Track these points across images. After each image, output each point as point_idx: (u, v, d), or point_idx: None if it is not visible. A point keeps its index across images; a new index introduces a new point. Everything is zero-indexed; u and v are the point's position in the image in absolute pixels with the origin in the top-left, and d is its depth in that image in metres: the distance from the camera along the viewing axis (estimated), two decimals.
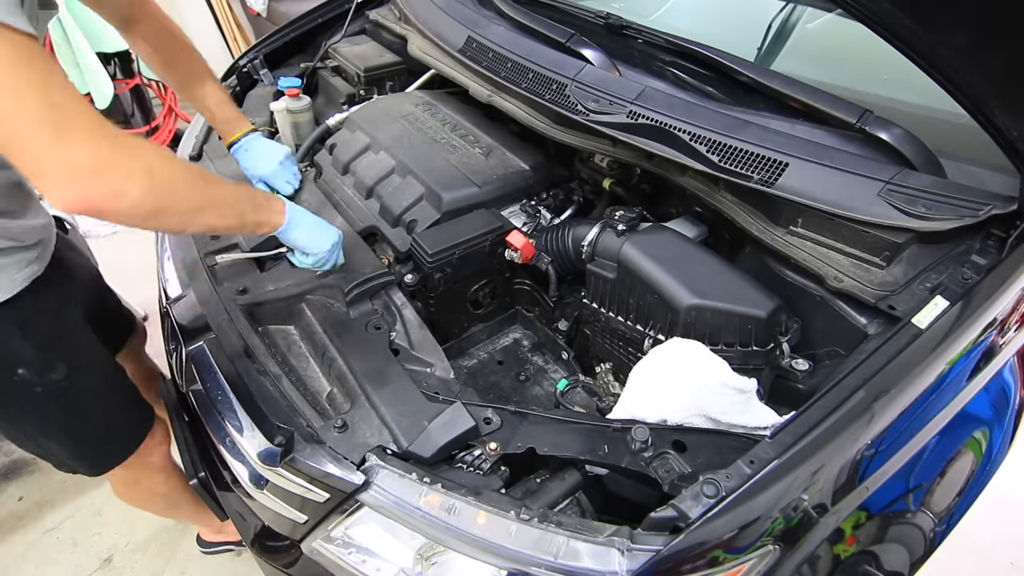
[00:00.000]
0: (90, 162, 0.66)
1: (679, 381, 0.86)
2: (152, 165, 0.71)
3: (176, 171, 0.76)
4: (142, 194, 0.69)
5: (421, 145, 1.34)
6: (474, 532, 0.72)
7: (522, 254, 1.15)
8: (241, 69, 1.67)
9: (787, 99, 1.07)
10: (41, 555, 1.69)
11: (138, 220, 0.73)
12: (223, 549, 1.67)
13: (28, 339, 0.96)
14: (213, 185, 0.83)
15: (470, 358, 1.29)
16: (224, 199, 0.85)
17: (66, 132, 0.64)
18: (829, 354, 0.98)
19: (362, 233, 1.20)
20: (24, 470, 1.89)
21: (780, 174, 0.96)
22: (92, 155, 0.66)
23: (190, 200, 0.78)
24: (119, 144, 0.68)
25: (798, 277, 1.01)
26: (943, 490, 0.96)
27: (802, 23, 1.37)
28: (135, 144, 0.71)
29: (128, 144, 0.69)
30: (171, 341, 1.13)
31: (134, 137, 0.72)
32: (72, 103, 0.65)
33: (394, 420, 0.84)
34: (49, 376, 1.00)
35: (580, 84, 1.17)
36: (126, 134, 0.70)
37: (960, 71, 0.83)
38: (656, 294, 0.98)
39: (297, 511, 0.89)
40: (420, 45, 1.57)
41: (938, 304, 0.82)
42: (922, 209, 0.87)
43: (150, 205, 0.71)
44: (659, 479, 0.76)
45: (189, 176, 0.79)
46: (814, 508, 0.73)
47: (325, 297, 1.05)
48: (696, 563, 0.67)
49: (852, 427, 0.72)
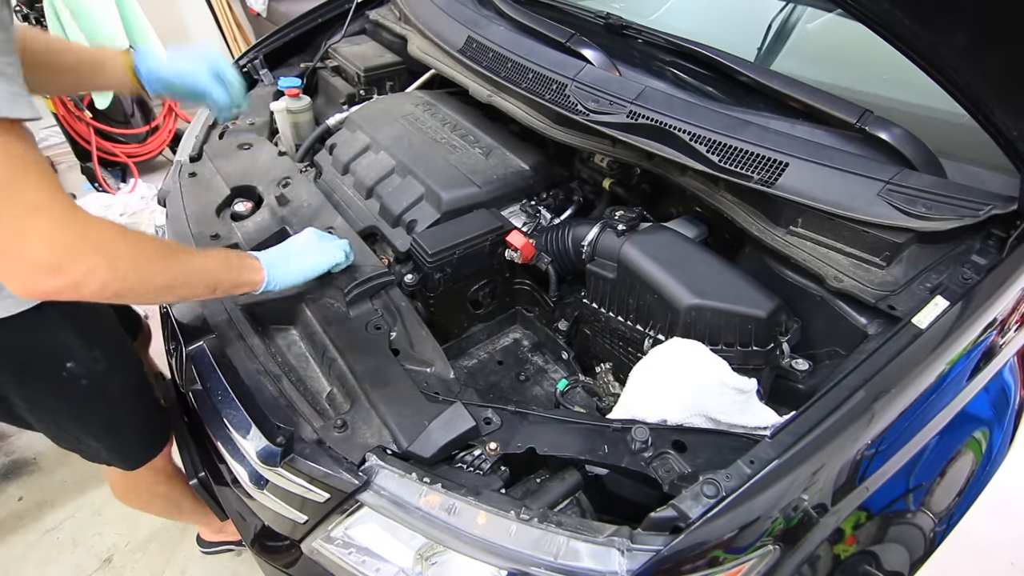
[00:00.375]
0: (49, 259, 0.65)
1: (679, 381, 0.86)
2: (116, 255, 0.70)
3: (142, 256, 0.75)
4: (102, 285, 0.69)
5: (421, 145, 1.34)
6: (474, 532, 0.72)
7: (522, 254, 1.15)
8: (241, 69, 1.67)
9: (787, 99, 1.07)
10: (41, 555, 1.69)
11: (104, 299, 0.73)
12: (223, 549, 1.67)
13: (74, 332, 0.98)
14: (182, 261, 0.82)
15: (470, 358, 1.29)
16: (194, 272, 0.83)
17: (26, 231, 0.63)
18: (829, 354, 0.98)
19: (362, 233, 1.20)
20: (24, 470, 1.89)
21: (780, 174, 0.96)
22: (51, 252, 0.65)
23: (157, 281, 0.77)
24: (82, 236, 0.67)
25: (798, 277, 1.01)
26: (943, 490, 0.96)
27: (802, 23, 1.37)
28: (99, 233, 0.69)
29: (92, 236, 0.68)
30: (171, 341, 1.13)
31: (100, 224, 0.70)
32: (38, 194, 0.64)
33: (394, 420, 0.84)
34: (95, 368, 1.01)
35: (580, 84, 1.17)
36: (93, 221, 0.69)
37: (960, 71, 0.83)
38: (656, 294, 0.98)
39: (297, 511, 0.89)
40: (420, 45, 1.57)
41: (938, 304, 0.82)
42: (922, 209, 0.87)
43: (112, 292, 0.71)
44: (659, 479, 0.76)
45: (157, 257, 0.77)
46: (814, 508, 0.73)
47: (325, 297, 1.05)
48: (696, 563, 0.67)
49: (852, 427, 0.72)
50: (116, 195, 3.07)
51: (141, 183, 3.17)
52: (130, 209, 3.03)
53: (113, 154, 3.05)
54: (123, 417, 1.13)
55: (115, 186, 3.15)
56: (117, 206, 3.00)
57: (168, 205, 1.30)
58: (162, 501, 1.36)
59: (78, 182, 3.14)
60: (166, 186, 1.36)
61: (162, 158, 3.29)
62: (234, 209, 1.27)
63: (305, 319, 1.04)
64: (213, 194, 1.29)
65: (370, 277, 1.05)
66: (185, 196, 1.29)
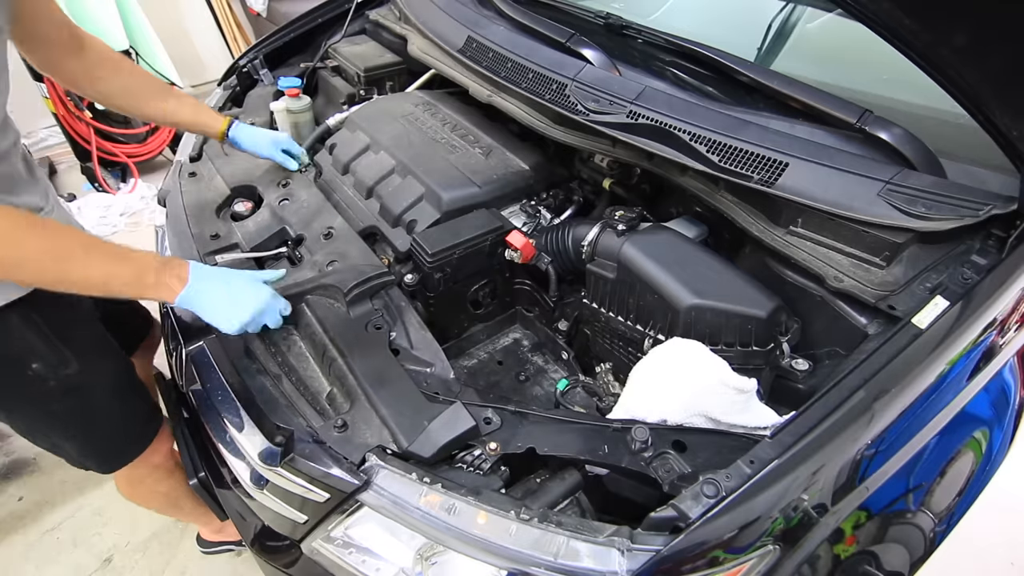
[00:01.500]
0: None
1: (679, 381, 0.86)
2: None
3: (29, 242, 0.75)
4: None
5: (421, 145, 1.34)
6: (474, 532, 0.72)
7: (522, 254, 1.15)
8: (241, 69, 1.67)
9: (787, 99, 1.07)
10: (41, 555, 1.69)
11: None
12: (223, 549, 1.67)
13: (40, 333, 0.96)
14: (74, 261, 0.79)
15: (470, 358, 1.29)
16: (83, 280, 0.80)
17: None
18: (829, 354, 0.98)
19: (362, 233, 1.20)
20: (24, 470, 1.89)
21: (780, 174, 0.96)
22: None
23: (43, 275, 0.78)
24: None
25: (798, 277, 1.01)
26: (943, 490, 0.96)
27: (802, 23, 1.37)
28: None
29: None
30: (171, 341, 1.13)
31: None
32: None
33: (394, 420, 0.84)
34: (63, 371, 1.00)
35: (580, 84, 1.17)
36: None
37: (960, 71, 0.83)
38: (656, 294, 0.98)
39: (297, 511, 0.89)
40: (420, 45, 1.57)
41: (938, 304, 0.82)
42: (922, 209, 0.87)
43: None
44: (659, 479, 0.76)
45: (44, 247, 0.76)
46: (814, 508, 0.73)
47: (325, 297, 1.05)
48: (696, 563, 0.67)
49: (852, 427, 0.72)
50: (116, 195, 3.07)
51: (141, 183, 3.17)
52: (130, 209, 3.03)
53: (113, 154, 3.05)
54: (96, 419, 1.10)
55: (115, 186, 3.15)
56: (117, 206, 3.00)
57: (168, 205, 1.30)
58: (163, 499, 1.36)
59: (78, 182, 3.13)
60: (166, 186, 1.36)
61: (162, 158, 3.29)
62: (234, 209, 1.27)
63: (305, 319, 1.04)
64: (213, 194, 1.29)
65: (370, 277, 1.05)
66: (185, 196, 1.29)
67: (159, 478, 1.30)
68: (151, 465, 1.25)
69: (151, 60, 3.00)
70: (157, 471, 1.28)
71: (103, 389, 1.09)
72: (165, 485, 1.32)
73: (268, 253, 1.14)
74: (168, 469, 1.31)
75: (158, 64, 3.03)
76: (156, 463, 1.27)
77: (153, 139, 3.18)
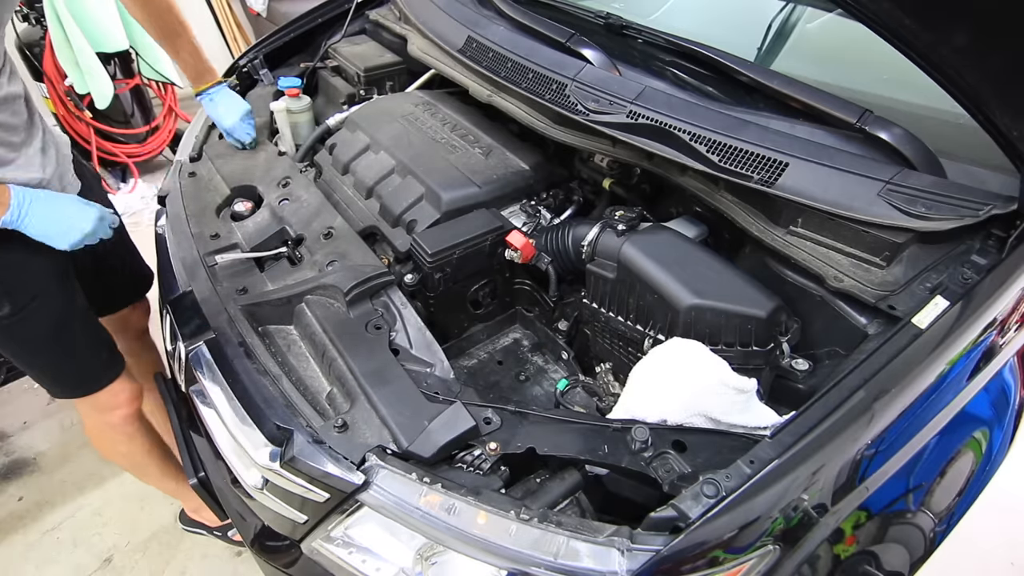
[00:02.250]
0: None
1: (679, 381, 0.86)
2: None
3: None
4: None
5: (421, 145, 1.34)
6: (474, 532, 0.72)
7: (522, 254, 1.15)
8: (241, 69, 1.67)
9: (787, 99, 1.06)
10: (41, 555, 1.69)
11: None
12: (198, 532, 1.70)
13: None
14: None
15: (470, 358, 1.29)
16: None
17: None
18: (829, 354, 0.98)
19: (362, 233, 1.20)
20: (24, 470, 1.89)
21: (780, 174, 0.96)
22: None
23: None
24: None
25: (798, 277, 1.01)
26: (943, 490, 0.96)
27: (802, 23, 1.37)
28: None
29: None
30: (171, 341, 1.13)
31: None
32: None
33: (394, 420, 0.84)
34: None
35: (580, 84, 1.17)
36: None
37: (960, 71, 0.83)
38: (656, 294, 0.98)
39: (297, 511, 0.89)
40: (420, 45, 1.57)
41: (938, 304, 0.82)
42: (922, 209, 0.87)
43: None
44: (659, 479, 0.76)
45: None
46: (814, 508, 0.73)
47: (325, 297, 1.05)
48: (696, 563, 0.67)
49: (852, 427, 0.72)
50: (116, 195, 3.07)
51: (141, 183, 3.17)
52: (130, 209, 3.03)
53: (113, 154, 3.05)
54: (36, 355, 1.18)
55: (115, 186, 3.15)
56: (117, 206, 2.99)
57: (168, 205, 1.30)
58: (124, 460, 1.41)
59: None
60: (166, 186, 1.36)
61: (162, 158, 3.29)
62: (234, 209, 1.27)
63: (305, 319, 1.04)
64: (213, 194, 1.30)
65: (370, 277, 1.05)
66: (185, 196, 1.29)
67: (117, 439, 1.34)
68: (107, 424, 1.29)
69: (151, 60, 3.00)
70: (114, 430, 1.31)
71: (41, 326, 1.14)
72: (124, 447, 1.36)
73: (268, 253, 1.14)
74: (127, 434, 1.34)
75: (158, 64, 3.03)
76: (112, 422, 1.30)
77: (153, 139, 3.19)
